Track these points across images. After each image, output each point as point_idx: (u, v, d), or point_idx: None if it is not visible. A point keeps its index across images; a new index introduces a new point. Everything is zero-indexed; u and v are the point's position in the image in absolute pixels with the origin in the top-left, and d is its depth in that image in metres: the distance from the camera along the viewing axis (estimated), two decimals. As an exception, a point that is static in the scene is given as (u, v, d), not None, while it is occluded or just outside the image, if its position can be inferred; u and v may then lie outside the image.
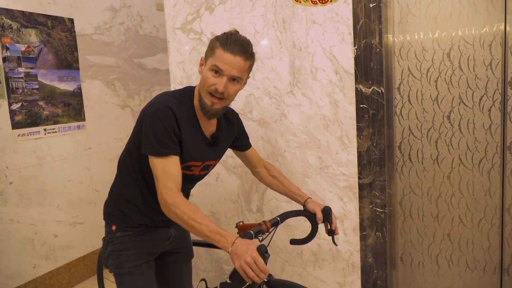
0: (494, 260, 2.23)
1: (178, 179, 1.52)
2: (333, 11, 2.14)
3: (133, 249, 1.72)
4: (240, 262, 1.33)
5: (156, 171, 1.51)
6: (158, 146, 1.49)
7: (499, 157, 2.14)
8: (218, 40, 1.54)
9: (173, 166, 1.51)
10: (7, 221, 2.90)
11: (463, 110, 2.15)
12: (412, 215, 2.35)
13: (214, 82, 1.52)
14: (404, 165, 2.31)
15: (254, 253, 1.32)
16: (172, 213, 1.47)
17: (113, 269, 1.74)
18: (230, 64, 1.50)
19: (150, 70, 4.08)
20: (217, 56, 1.51)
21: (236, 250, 1.35)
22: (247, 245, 1.35)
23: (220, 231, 1.40)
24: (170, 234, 1.84)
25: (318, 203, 1.82)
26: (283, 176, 1.97)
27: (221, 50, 1.51)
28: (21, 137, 2.96)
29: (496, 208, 2.19)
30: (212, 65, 1.52)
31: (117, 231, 1.73)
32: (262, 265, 1.32)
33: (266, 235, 1.67)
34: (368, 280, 2.30)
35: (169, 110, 1.51)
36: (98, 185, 3.56)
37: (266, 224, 1.66)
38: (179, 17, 2.52)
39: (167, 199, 1.47)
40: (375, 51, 2.08)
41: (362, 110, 2.15)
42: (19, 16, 2.93)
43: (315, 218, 1.77)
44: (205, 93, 1.56)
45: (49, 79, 3.13)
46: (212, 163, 1.76)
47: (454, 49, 2.12)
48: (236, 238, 1.37)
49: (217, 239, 1.39)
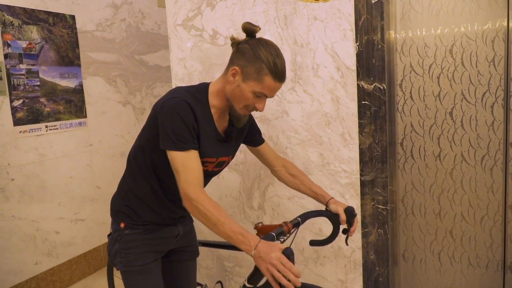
0: (496, 257, 2.23)
1: (200, 174, 1.49)
2: (334, 7, 2.13)
3: (142, 247, 1.71)
4: (265, 265, 1.28)
5: (176, 166, 1.48)
6: (177, 140, 1.46)
7: (501, 153, 2.13)
8: (267, 67, 1.49)
9: (194, 160, 1.49)
10: (9, 218, 2.91)
11: (465, 106, 2.14)
12: (414, 212, 2.34)
13: (254, 102, 1.55)
14: (406, 162, 2.31)
15: (279, 254, 1.27)
16: (195, 208, 1.44)
17: (120, 267, 1.72)
18: (275, 90, 1.55)
19: (152, 66, 4.08)
20: (267, 85, 1.50)
21: (260, 253, 1.29)
22: (270, 247, 1.30)
23: (243, 232, 1.35)
24: (178, 232, 1.83)
25: (341, 203, 1.76)
26: (303, 175, 1.91)
27: (271, 79, 1.50)
28: (23, 133, 2.96)
29: (499, 205, 2.18)
30: (258, 91, 1.52)
31: (125, 228, 1.71)
32: (289, 265, 1.26)
33: (288, 236, 1.61)
34: (370, 277, 2.30)
35: (186, 105, 1.49)
36: (100, 182, 3.56)
37: (287, 225, 1.61)
38: (180, 14, 2.51)
39: (190, 194, 1.44)
40: (377, 48, 2.07)
41: (364, 107, 2.15)
42: (21, 12, 2.93)
43: (337, 218, 1.72)
44: (242, 107, 1.57)
45: (51, 76, 3.14)
46: (226, 159, 1.74)
47: (457, 45, 2.11)
48: (259, 241, 1.32)
49: (240, 241, 1.34)
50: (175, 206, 1.73)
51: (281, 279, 1.25)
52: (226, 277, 2.71)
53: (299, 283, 1.25)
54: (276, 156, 1.96)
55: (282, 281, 1.24)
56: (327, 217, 1.75)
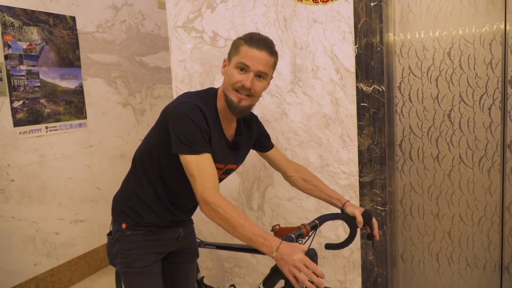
0: (494, 258, 2.24)
1: (215, 178, 1.47)
2: (334, 10, 2.14)
3: (143, 249, 1.71)
4: (288, 266, 1.24)
5: (191, 170, 1.45)
6: (190, 144, 1.45)
7: (499, 155, 2.15)
8: (242, 39, 1.55)
9: (209, 163, 1.47)
10: (9, 219, 2.91)
11: (463, 108, 2.16)
12: (413, 213, 2.36)
13: (240, 78, 1.52)
14: (405, 163, 2.32)
15: (302, 256, 1.24)
16: (214, 212, 1.39)
17: (121, 268, 1.72)
18: (256, 60, 1.51)
19: (152, 68, 4.09)
20: (243, 53, 1.52)
21: (282, 255, 1.26)
22: (293, 249, 1.27)
23: (264, 234, 1.32)
24: (179, 234, 1.83)
25: (358, 206, 1.73)
26: (317, 179, 1.88)
27: (246, 46, 1.51)
28: (23, 134, 2.97)
29: (496, 206, 2.19)
30: (237, 62, 1.52)
31: (127, 229, 1.71)
32: (313, 267, 1.23)
33: (307, 239, 1.59)
34: (369, 278, 2.31)
35: (197, 109, 1.50)
36: (100, 183, 3.57)
37: (306, 227, 1.59)
38: (181, 16, 2.53)
39: (207, 198, 1.40)
40: (376, 50, 2.09)
41: (363, 109, 2.16)
42: (21, 14, 2.94)
43: (354, 221, 1.69)
44: (231, 90, 1.55)
45: (51, 77, 3.15)
46: (234, 167, 1.74)
47: (455, 48, 2.12)
48: (280, 243, 1.29)
49: (260, 243, 1.31)
50: (177, 210, 1.73)
51: (304, 282, 1.21)
52: (225, 277, 2.72)
53: (322, 284, 1.22)
54: (287, 161, 1.94)
55: (306, 283, 1.21)
56: (344, 220, 1.73)
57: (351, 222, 1.70)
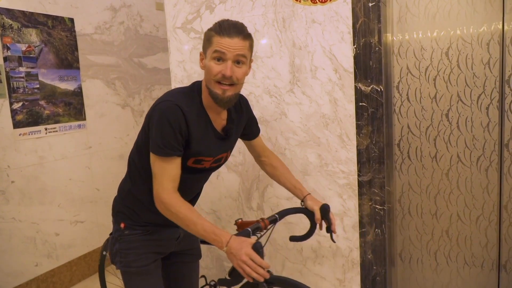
0: (491, 256, 2.26)
1: (176, 180, 1.53)
2: (332, 10, 2.16)
3: (142, 248, 1.72)
4: (236, 261, 1.36)
5: (155, 170, 1.52)
6: (162, 145, 1.48)
7: (497, 154, 2.16)
8: (212, 30, 1.54)
9: (173, 166, 1.52)
10: (9, 220, 2.92)
11: (461, 108, 2.17)
12: (411, 212, 2.37)
13: (219, 69, 1.51)
14: (403, 162, 2.34)
15: (249, 250, 1.35)
16: (167, 211, 1.49)
17: (120, 267, 1.74)
18: (230, 47, 1.49)
19: (150, 69, 4.10)
20: (215, 43, 1.51)
21: (231, 249, 1.37)
22: (240, 243, 1.38)
23: (216, 231, 1.42)
24: (179, 234, 1.83)
25: (317, 201, 1.80)
26: (284, 168, 1.95)
27: (217, 36, 1.50)
28: (22, 136, 2.97)
29: (494, 205, 2.21)
30: (213, 52, 1.51)
31: (125, 229, 1.73)
32: (259, 260, 1.34)
33: (264, 232, 1.67)
34: (368, 277, 2.32)
35: (177, 109, 1.50)
36: (99, 184, 3.57)
37: (264, 221, 1.67)
38: (180, 17, 2.54)
39: (162, 198, 1.49)
40: (374, 50, 2.10)
41: (361, 108, 2.17)
42: (20, 16, 2.94)
43: (313, 215, 1.77)
44: (213, 83, 1.53)
45: (50, 79, 3.15)
46: (224, 155, 1.75)
47: (453, 47, 2.14)
48: (230, 238, 1.39)
49: (212, 239, 1.42)
50: None
51: (251, 273, 1.34)
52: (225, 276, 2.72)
53: (267, 275, 1.34)
54: (264, 147, 1.99)
55: (252, 274, 1.33)
56: (304, 214, 1.81)
57: (311, 216, 1.78)
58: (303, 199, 1.83)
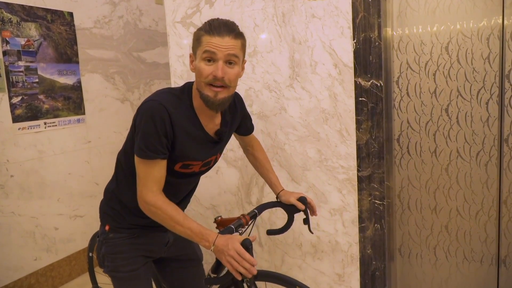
0: (491, 251, 2.26)
1: (161, 182, 1.49)
2: (332, 5, 2.15)
3: (128, 252, 1.67)
4: (225, 257, 1.36)
5: (139, 171, 1.48)
6: (145, 148, 1.43)
7: (496, 149, 2.16)
8: (202, 29, 1.46)
9: (158, 169, 1.47)
10: (8, 214, 2.92)
11: (461, 103, 2.17)
12: (410, 207, 2.37)
13: (210, 70, 1.43)
14: (403, 157, 2.33)
15: (236, 245, 1.35)
16: (152, 213, 1.46)
17: (108, 272, 1.70)
18: (221, 46, 1.42)
19: (150, 63, 4.09)
20: (205, 42, 1.43)
21: (218, 247, 1.37)
22: (227, 239, 1.37)
23: (202, 231, 1.41)
24: (168, 239, 1.79)
25: (292, 193, 1.82)
26: (265, 160, 1.95)
27: (207, 36, 1.43)
28: (22, 130, 2.97)
29: (493, 200, 2.21)
30: (202, 53, 1.43)
31: (110, 231, 1.68)
32: (246, 256, 1.34)
33: (246, 228, 1.69)
34: (367, 272, 2.33)
35: (163, 109, 1.44)
36: (98, 178, 3.58)
37: (245, 217, 1.68)
38: (179, 11, 2.53)
39: (147, 199, 1.45)
40: (374, 45, 2.10)
41: (361, 104, 2.17)
42: (19, 10, 2.93)
43: (291, 208, 1.80)
44: (204, 85, 1.46)
45: (49, 73, 3.14)
46: (213, 158, 1.70)
47: (452, 42, 2.13)
48: (217, 237, 1.39)
49: (199, 239, 1.41)
50: None
51: (239, 268, 1.34)
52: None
53: (254, 271, 1.35)
54: (252, 138, 1.97)
55: (240, 269, 1.34)
56: (282, 207, 1.85)
57: (288, 209, 1.82)
58: (277, 194, 1.86)
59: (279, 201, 1.86)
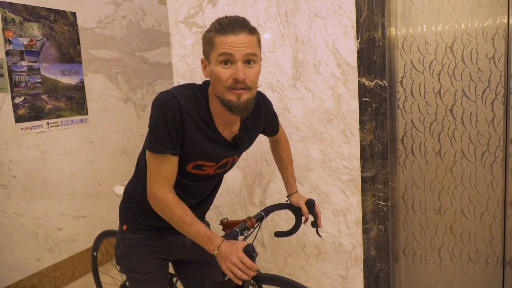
0: (496, 253, 2.24)
1: (172, 179, 1.46)
2: (335, 5, 2.13)
3: (143, 254, 1.66)
4: (226, 263, 1.34)
5: (150, 166, 1.45)
6: (155, 141, 1.39)
7: (501, 150, 2.14)
8: (212, 30, 1.36)
9: (169, 165, 1.43)
10: (11, 215, 2.92)
11: (465, 103, 2.15)
12: (415, 208, 2.36)
13: (228, 74, 1.33)
14: (407, 158, 2.32)
15: (240, 253, 1.34)
16: (161, 210, 1.44)
17: (123, 271, 1.70)
18: (238, 45, 1.31)
19: (153, 63, 4.08)
20: (219, 44, 1.32)
21: (222, 253, 1.35)
22: (231, 246, 1.35)
23: (208, 234, 1.40)
24: (185, 242, 1.75)
25: (303, 197, 1.81)
26: (286, 160, 1.90)
27: (220, 36, 1.32)
28: (24, 130, 2.97)
29: (499, 201, 2.19)
30: (218, 56, 1.32)
31: (127, 231, 1.68)
32: (249, 263, 1.33)
33: (252, 231, 1.66)
34: (371, 273, 2.31)
35: (174, 102, 1.37)
36: (101, 179, 3.57)
37: (251, 220, 1.65)
38: (182, 11, 2.52)
39: (157, 195, 1.43)
40: (378, 45, 2.08)
41: (365, 104, 2.16)
42: (22, 9, 2.93)
43: (299, 211, 1.78)
44: (225, 91, 1.35)
45: (52, 73, 3.14)
46: (230, 159, 1.62)
47: (457, 42, 2.11)
48: (222, 241, 1.37)
49: (204, 242, 1.39)
50: None
51: (242, 276, 1.33)
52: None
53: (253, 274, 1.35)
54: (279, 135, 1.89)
55: (243, 277, 1.34)
56: (290, 209, 1.84)
57: (296, 212, 1.81)
58: (288, 195, 1.85)
59: (288, 202, 1.84)
